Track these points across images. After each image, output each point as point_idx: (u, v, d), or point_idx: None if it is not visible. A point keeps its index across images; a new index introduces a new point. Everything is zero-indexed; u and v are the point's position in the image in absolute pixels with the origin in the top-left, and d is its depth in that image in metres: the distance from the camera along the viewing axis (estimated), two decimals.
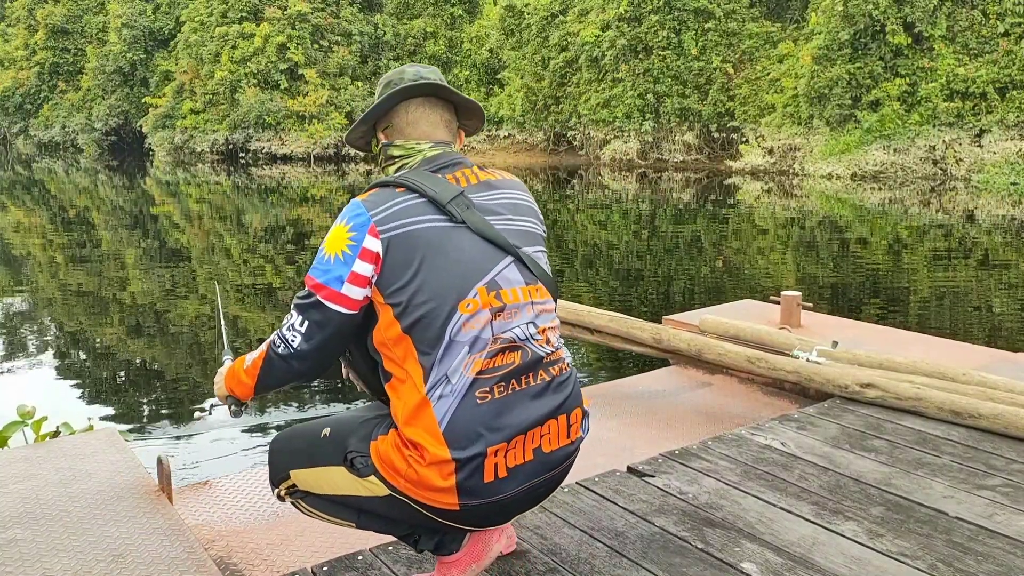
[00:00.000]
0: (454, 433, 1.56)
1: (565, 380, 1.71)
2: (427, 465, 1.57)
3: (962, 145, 20.52)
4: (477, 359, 1.59)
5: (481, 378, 1.59)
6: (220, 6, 32.14)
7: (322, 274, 1.64)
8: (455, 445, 1.56)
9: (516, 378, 1.63)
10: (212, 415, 2.16)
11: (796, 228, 13.18)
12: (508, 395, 1.61)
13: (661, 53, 25.94)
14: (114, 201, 18.95)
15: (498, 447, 1.58)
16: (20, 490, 2.27)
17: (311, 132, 30.37)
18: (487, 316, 1.61)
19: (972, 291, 8.21)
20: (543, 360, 1.67)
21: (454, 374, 1.58)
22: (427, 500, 1.60)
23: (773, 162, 23.58)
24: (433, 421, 1.57)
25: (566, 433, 1.69)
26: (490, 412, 1.58)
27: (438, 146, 1.78)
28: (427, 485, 1.58)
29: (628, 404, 3.51)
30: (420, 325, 1.59)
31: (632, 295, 8.28)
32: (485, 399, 1.59)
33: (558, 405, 1.67)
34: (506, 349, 1.62)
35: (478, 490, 1.58)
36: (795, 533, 2.12)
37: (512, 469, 1.60)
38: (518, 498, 1.64)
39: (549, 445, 1.66)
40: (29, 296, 8.55)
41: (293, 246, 11.73)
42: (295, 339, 1.65)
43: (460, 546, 1.78)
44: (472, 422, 1.57)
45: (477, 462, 1.57)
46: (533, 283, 1.70)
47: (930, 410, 2.96)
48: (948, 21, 20.83)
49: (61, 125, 39.00)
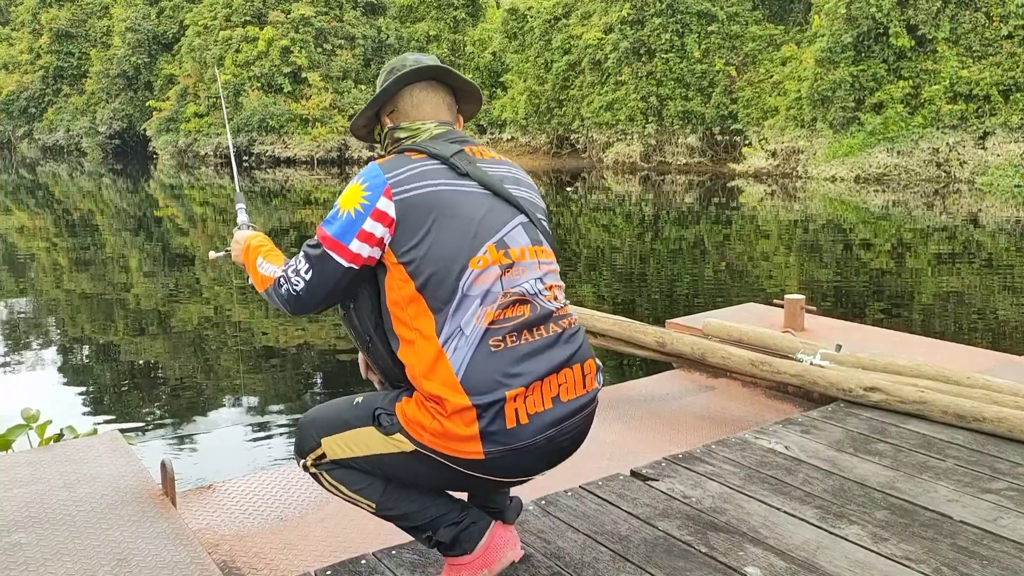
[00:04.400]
0: (471, 381, 1.61)
1: (575, 334, 1.76)
2: (449, 416, 1.61)
3: (966, 147, 20.49)
4: (489, 311, 1.65)
5: (493, 328, 1.65)
6: (224, 10, 32.23)
7: (333, 228, 1.70)
8: (474, 392, 1.61)
9: (528, 329, 1.69)
10: (223, 255, 2.25)
11: (799, 231, 13.16)
12: (521, 344, 1.67)
13: (664, 56, 25.95)
14: (118, 205, 18.99)
15: (516, 392, 1.62)
16: (24, 494, 2.27)
17: (314, 135, 30.43)
18: (497, 272, 1.68)
19: (976, 294, 8.20)
20: (552, 314, 1.73)
21: (467, 326, 1.64)
22: (453, 452, 1.63)
23: (776, 165, 23.58)
24: (450, 372, 1.62)
25: (582, 383, 1.74)
26: (505, 359, 1.64)
27: (443, 125, 1.85)
28: (451, 435, 1.62)
29: (632, 408, 3.50)
30: (432, 282, 1.65)
31: (635, 298, 8.28)
32: (499, 347, 1.64)
33: (571, 355, 1.72)
34: (516, 302, 1.69)
35: (501, 437, 1.62)
36: (799, 537, 2.12)
37: (533, 416, 1.64)
38: (542, 449, 1.67)
39: (567, 394, 1.70)
40: (33, 299, 8.57)
41: (296, 248, 11.73)
42: (298, 284, 1.73)
43: (474, 547, 1.78)
44: (488, 369, 1.62)
45: (497, 408, 1.61)
46: (539, 244, 1.78)
47: (934, 414, 2.95)
48: (951, 23, 20.81)
49: (65, 129, 39.12)
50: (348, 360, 6.12)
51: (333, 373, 5.84)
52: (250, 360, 6.17)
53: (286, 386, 5.52)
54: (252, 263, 1.89)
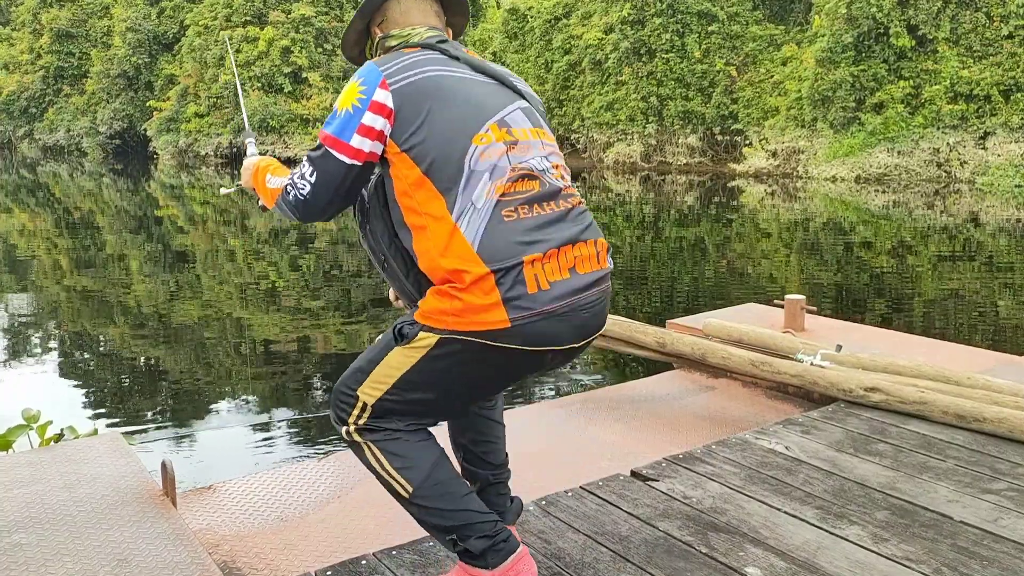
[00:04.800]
0: (487, 250, 1.62)
1: (583, 212, 1.79)
2: (468, 287, 1.61)
3: (966, 148, 20.49)
4: (499, 184, 1.67)
5: (504, 200, 1.66)
6: (224, 10, 32.24)
7: (332, 126, 1.71)
8: (491, 259, 1.61)
9: (538, 203, 1.70)
10: (233, 190, 2.27)
11: (800, 231, 13.16)
12: (532, 216, 1.68)
13: (664, 56, 25.96)
14: (118, 204, 19.00)
15: (533, 257, 1.63)
16: (24, 494, 2.28)
17: (315, 135, 30.43)
18: (502, 148, 1.70)
19: (977, 294, 8.19)
20: (561, 191, 1.75)
21: (478, 199, 1.65)
22: (478, 325, 1.62)
23: (776, 165, 23.58)
24: (465, 245, 1.63)
25: (595, 258, 1.75)
26: (519, 228, 1.65)
27: (433, 30, 1.86)
28: (473, 308, 1.61)
29: (632, 408, 3.50)
30: (438, 163, 1.66)
31: (636, 298, 8.28)
32: (511, 217, 1.66)
33: (582, 230, 1.74)
34: (524, 177, 1.70)
35: (524, 301, 1.62)
36: (799, 537, 2.12)
37: (552, 283, 1.65)
38: (567, 317, 1.66)
39: (583, 266, 1.71)
40: (33, 299, 8.57)
41: (297, 248, 11.74)
42: (304, 187, 1.74)
43: (498, 565, 1.74)
44: (503, 237, 1.63)
45: (516, 272, 1.62)
46: (539, 127, 1.80)
47: (935, 414, 2.95)
48: (952, 23, 20.81)
49: (66, 129, 39.13)
50: (349, 360, 6.12)
51: (334, 373, 5.84)
52: (251, 360, 6.17)
53: (287, 386, 5.52)
54: (261, 182, 1.90)
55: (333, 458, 2.92)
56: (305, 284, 9.10)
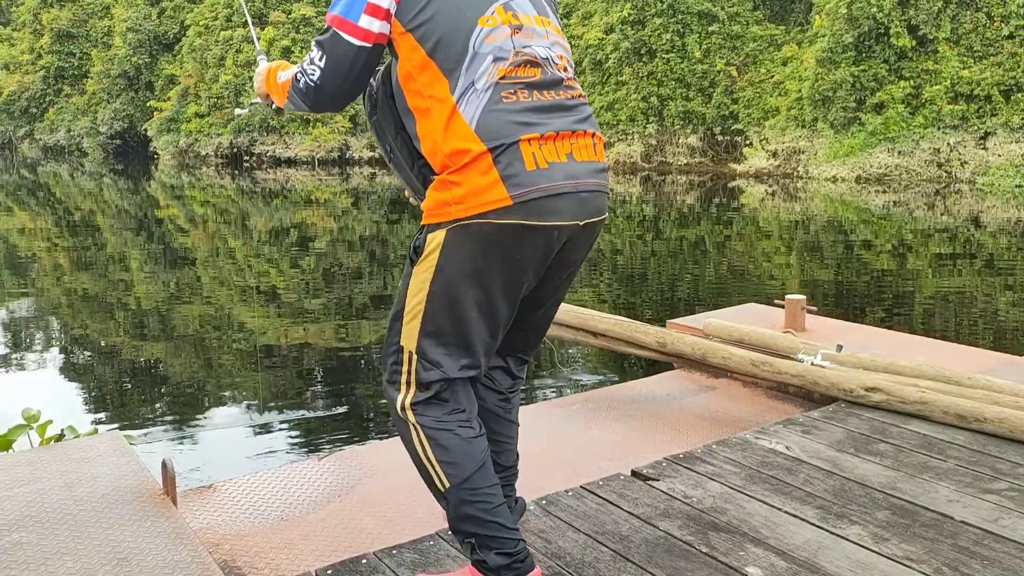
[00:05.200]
0: (485, 128, 1.63)
1: (583, 104, 1.79)
2: (466, 167, 1.62)
3: (967, 148, 20.48)
4: (501, 67, 1.67)
5: (504, 82, 1.67)
6: (225, 10, 32.24)
7: (339, 7, 1.70)
8: (487, 137, 1.62)
9: (539, 89, 1.70)
10: (248, 110, 2.28)
11: (800, 231, 13.16)
12: (532, 100, 1.68)
13: (665, 56, 25.95)
14: (119, 205, 19.00)
15: (531, 137, 1.64)
16: (25, 493, 2.28)
17: (315, 135, 30.44)
18: (507, 31, 1.70)
19: (977, 294, 8.19)
20: (563, 81, 1.75)
21: (479, 80, 1.66)
22: (482, 207, 1.62)
23: (777, 165, 23.57)
24: (464, 124, 1.64)
25: (593, 150, 1.76)
26: (517, 108, 1.66)
27: None
28: (473, 191, 1.62)
29: (632, 408, 3.50)
30: (443, 43, 1.66)
31: (636, 299, 8.28)
32: (510, 99, 1.66)
33: (581, 120, 1.75)
34: (527, 63, 1.70)
35: (523, 178, 1.62)
36: (800, 537, 2.11)
37: (551, 164, 1.66)
38: (568, 198, 1.66)
39: (580, 154, 1.72)
40: (34, 299, 8.57)
41: (298, 249, 11.74)
42: (314, 72, 1.74)
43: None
44: (500, 117, 1.64)
45: (512, 150, 1.62)
46: (546, 15, 1.80)
47: (935, 414, 2.95)
48: (952, 23, 20.81)
49: (66, 129, 39.13)
50: (350, 360, 6.12)
51: (335, 373, 5.84)
52: (251, 360, 6.17)
53: (287, 386, 5.52)
54: (273, 81, 1.90)
55: (333, 457, 2.92)
56: (306, 284, 9.10)
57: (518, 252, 1.66)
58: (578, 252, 1.79)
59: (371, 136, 2.89)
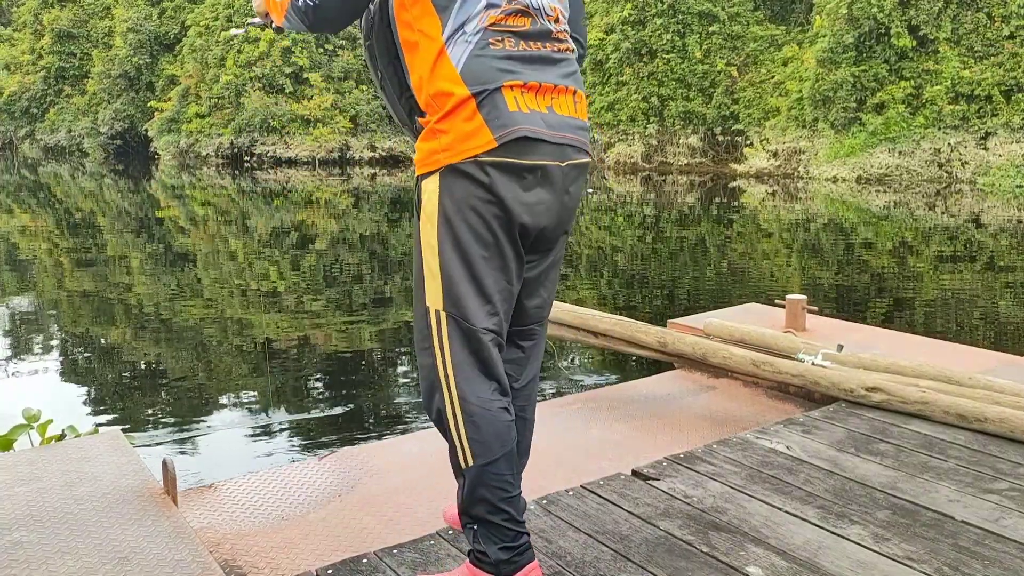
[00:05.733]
0: (470, 72, 1.66)
1: (570, 60, 1.81)
2: (451, 113, 1.66)
3: (967, 148, 20.48)
4: (492, 14, 1.69)
5: (493, 29, 1.69)
6: (225, 11, 32.24)
7: None
8: (472, 82, 1.66)
9: (526, 40, 1.73)
10: (244, 30, 2.30)
11: (801, 231, 13.16)
12: (518, 49, 1.71)
13: (665, 56, 25.95)
14: (119, 205, 19.00)
15: (513, 83, 1.68)
16: (25, 493, 2.28)
17: (316, 136, 30.44)
18: None
19: (978, 294, 8.19)
20: (551, 33, 1.77)
21: (469, 24, 1.68)
22: (468, 152, 1.66)
23: (778, 165, 23.56)
24: (450, 66, 1.67)
25: (573, 107, 1.78)
26: (503, 55, 1.69)
27: None
28: (460, 136, 1.66)
29: (633, 408, 3.50)
30: None
31: (636, 298, 8.28)
32: (497, 46, 1.69)
33: (566, 75, 1.77)
34: (519, 12, 1.72)
35: (505, 118, 1.66)
36: (801, 537, 2.11)
37: (532, 111, 1.69)
38: (550, 145, 1.69)
39: (559, 108, 1.75)
40: (35, 299, 8.57)
41: (298, 249, 11.74)
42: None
43: (510, 573, 1.75)
44: (485, 63, 1.67)
45: (496, 95, 1.66)
46: None
47: (936, 414, 2.95)
48: (953, 24, 20.80)
49: (67, 129, 39.13)
50: (350, 360, 6.12)
51: (335, 373, 5.84)
52: (252, 360, 6.17)
53: (288, 385, 5.53)
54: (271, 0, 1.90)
55: (334, 457, 2.92)
56: (306, 284, 9.10)
57: (509, 191, 1.69)
58: (560, 207, 1.79)
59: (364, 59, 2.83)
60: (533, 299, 1.90)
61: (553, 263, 1.91)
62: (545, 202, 1.75)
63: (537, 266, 1.87)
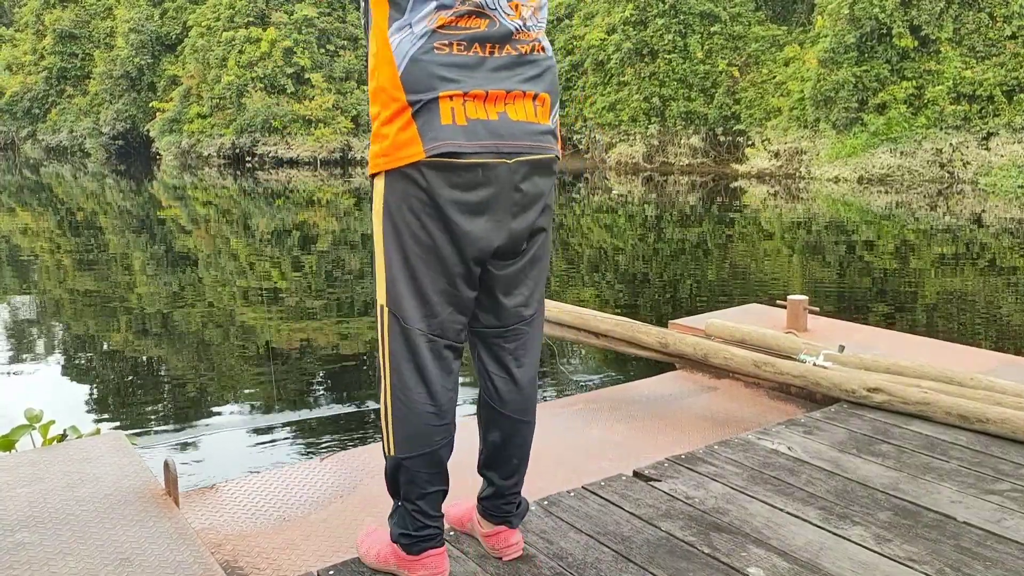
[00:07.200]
0: (409, 77, 1.62)
1: (536, 61, 1.71)
2: (391, 121, 1.64)
3: (969, 148, 20.46)
4: (442, 16, 1.62)
5: (442, 32, 1.62)
6: (227, 11, 32.26)
7: None
8: (410, 89, 1.62)
9: (480, 43, 1.64)
10: None
11: (802, 232, 13.15)
12: (469, 55, 1.63)
13: (667, 56, 25.94)
14: (121, 205, 19.02)
15: (452, 93, 1.61)
16: (27, 494, 2.28)
17: (317, 136, 30.44)
18: None
19: (980, 295, 8.18)
20: (512, 35, 1.67)
21: (417, 24, 1.62)
22: (402, 160, 1.64)
23: (779, 165, 23.55)
24: (392, 65, 1.64)
25: (534, 112, 1.70)
26: (445, 62, 1.62)
27: None
28: (396, 143, 1.64)
29: (634, 408, 3.50)
30: None
31: (638, 299, 8.28)
32: (442, 51, 1.62)
33: (526, 80, 1.69)
34: (472, 13, 1.63)
35: (437, 132, 1.61)
36: (802, 538, 2.11)
37: (472, 120, 1.63)
38: (491, 169, 1.64)
39: (515, 114, 1.67)
40: (36, 300, 8.58)
41: (300, 249, 11.75)
42: None
43: (413, 552, 1.82)
44: (426, 69, 1.61)
45: (431, 106, 1.61)
46: None
47: (938, 415, 2.95)
48: (955, 24, 20.78)
49: (69, 129, 39.16)
50: (352, 360, 6.12)
51: (337, 373, 5.84)
52: (253, 361, 6.17)
53: (289, 386, 5.53)
54: None
55: (335, 458, 2.92)
56: (307, 285, 9.10)
57: (445, 192, 1.66)
58: (515, 218, 1.72)
59: None
60: (513, 297, 1.83)
61: (532, 261, 1.84)
62: (490, 201, 1.68)
63: (512, 264, 1.81)
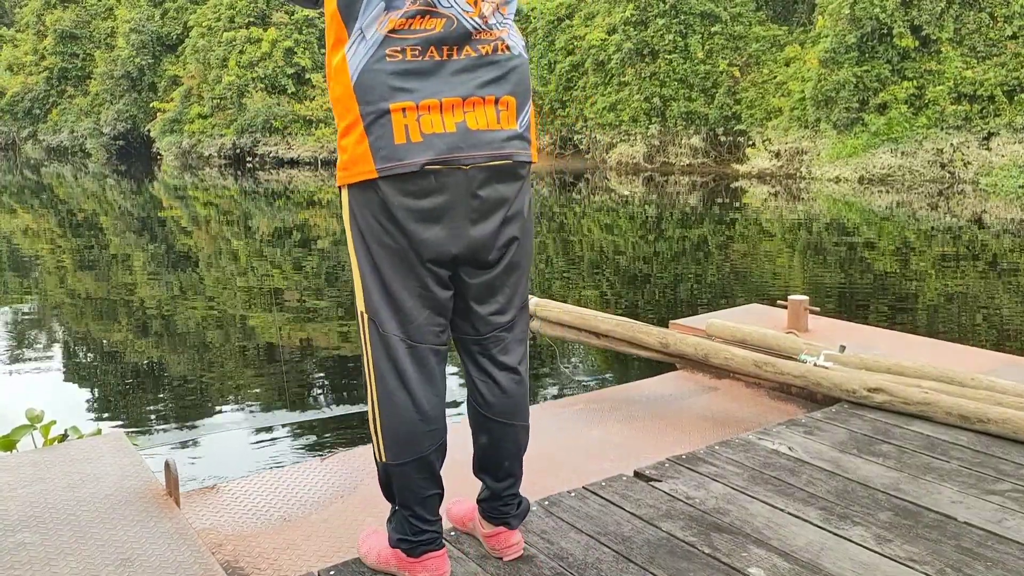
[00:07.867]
0: (362, 88, 1.57)
1: (498, 61, 1.64)
2: (347, 133, 1.60)
3: (970, 148, 20.44)
4: (392, 18, 1.55)
5: (393, 37, 1.56)
6: (228, 11, 32.28)
7: None
8: (363, 99, 1.57)
9: (436, 46, 1.57)
10: None
11: (803, 232, 13.15)
12: (423, 61, 1.57)
13: (667, 57, 25.93)
14: (122, 205, 19.02)
15: (404, 106, 1.55)
16: (28, 494, 2.28)
17: (318, 136, 30.45)
18: None
19: (980, 295, 8.18)
20: (472, 36, 1.60)
21: (368, 29, 1.57)
22: (357, 176, 1.61)
23: (780, 165, 23.54)
24: (347, 75, 1.58)
25: (496, 118, 1.63)
26: (398, 70, 1.56)
27: None
28: (353, 158, 1.61)
29: (635, 408, 3.50)
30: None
31: (639, 299, 8.27)
32: (395, 58, 1.56)
33: (485, 83, 1.61)
34: (426, 13, 1.56)
35: (389, 151, 1.57)
36: (803, 538, 2.11)
37: (428, 136, 1.56)
38: (446, 189, 1.59)
39: (475, 123, 1.60)
40: (37, 300, 8.59)
41: (300, 249, 11.75)
42: None
43: (413, 554, 1.81)
44: (377, 78, 1.56)
45: (383, 120, 1.56)
46: None
47: (938, 415, 2.95)
48: (955, 24, 20.77)
49: (69, 130, 39.18)
50: (353, 360, 6.13)
51: (338, 373, 5.85)
52: (254, 361, 6.17)
53: (290, 387, 5.53)
54: None
55: (336, 458, 2.93)
56: (308, 285, 9.11)
57: (397, 200, 1.61)
58: (475, 225, 1.66)
59: None
60: (488, 306, 1.78)
61: (508, 270, 1.77)
62: (445, 207, 1.63)
63: (485, 274, 1.75)
